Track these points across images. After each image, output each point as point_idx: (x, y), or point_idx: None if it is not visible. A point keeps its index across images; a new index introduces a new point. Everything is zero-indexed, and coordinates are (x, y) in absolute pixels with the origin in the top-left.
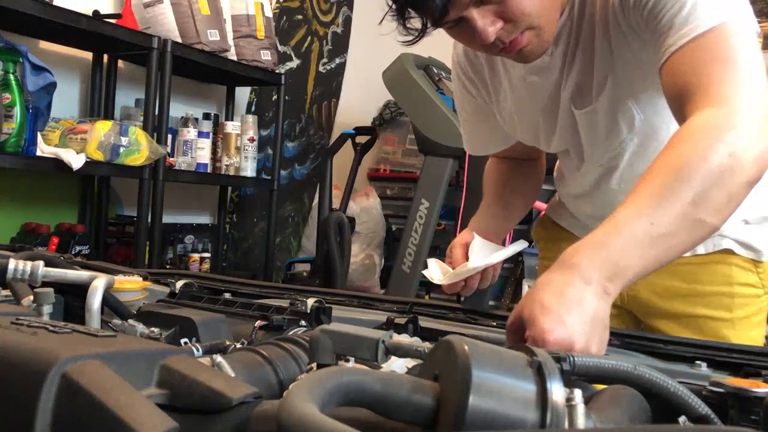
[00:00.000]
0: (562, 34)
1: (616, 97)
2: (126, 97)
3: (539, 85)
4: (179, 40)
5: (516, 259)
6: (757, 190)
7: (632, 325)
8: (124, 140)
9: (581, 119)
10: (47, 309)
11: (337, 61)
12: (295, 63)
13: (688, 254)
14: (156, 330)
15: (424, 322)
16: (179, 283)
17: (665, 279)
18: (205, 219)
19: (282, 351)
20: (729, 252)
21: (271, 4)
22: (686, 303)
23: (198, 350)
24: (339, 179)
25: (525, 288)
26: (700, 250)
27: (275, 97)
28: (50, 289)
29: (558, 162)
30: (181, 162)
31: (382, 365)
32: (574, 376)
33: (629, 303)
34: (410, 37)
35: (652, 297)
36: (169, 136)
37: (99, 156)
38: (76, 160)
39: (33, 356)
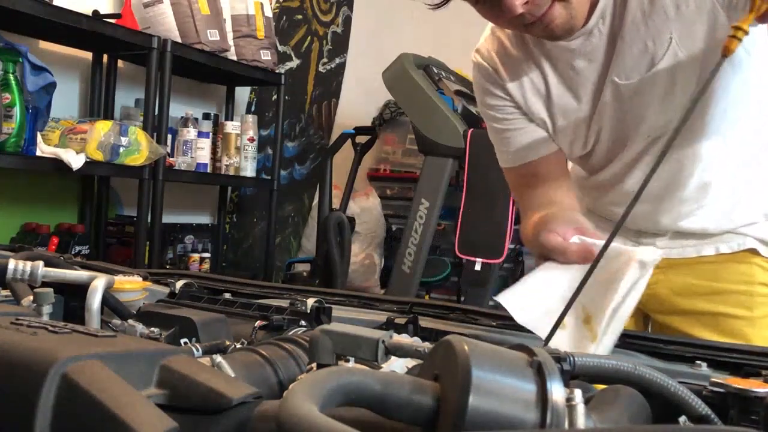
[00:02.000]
0: (606, 12)
1: (677, 59)
2: (126, 97)
3: (588, 69)
4: (179, 40)
5: (516, 259)
6: None
7: (642, 327)
8: (123, 140)
9: (633, 90)
10: (47, 309)
11: (337, 61)
12: (295, 63)
13: (712, 253)
14: (156, 330)
15: (424, 322)
16: (179, 283)
17: (686, 277)
18: (205, 219)
19: (282, 351)
20: (752, 252)
21: (271, 4)
22: (706, 301)
23: (198, 350)
24: (339, 179)
25: None
26: (724, 249)
27: (275, 97)
28: (50, 289)
29: (572, 166)
30: (180, 162)
31: (382, 365)
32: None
33: (646, 301)
34: (437, 0)
35: (671, 295)
36: (169, 136)
37: (99, 156)
38: (75, 160)
39: (33, 356)
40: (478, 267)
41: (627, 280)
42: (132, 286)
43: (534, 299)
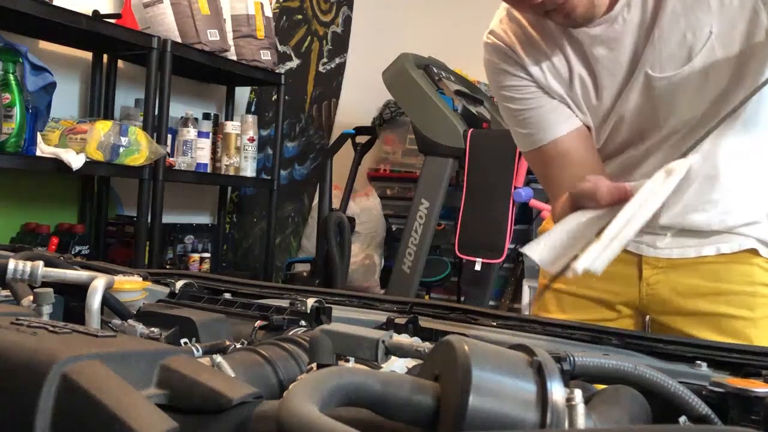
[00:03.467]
0: (633, 0)
1: (713, 55)
2: (126, 97)
3: (609, 57)
4: (179, 40)
5: (516, 259)
6: None
7: (641, 328)
8: (123, 140)
9: (666, 84)
10: (47, 309)
11: (337, 61)
12: (295, 63)
13: (712, 253)
14: (156, 330)
15: (424, 322)
16: (179, 283)
17: (688, 277)
18: (205, 219)
19: (282, 351)
20: (753, 252)
21: (271, 4)
22: (708, 301)
23: (198, 350)
24: (339, 179)
25: (525, 288)
26: (725, 249)
27: (275, 97)
28: (50, 289)
29: None
30: (180, 162)
31: (382, 365)
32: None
33: (648, 302)
34: None
35: (673, 295)
36: (169, 136)
37: (99, 156)
38: (75, 160)
39: (33, 356)
40: (478, 267)
41: (648, 186)
42: (132, 286)
43: (559, 247)
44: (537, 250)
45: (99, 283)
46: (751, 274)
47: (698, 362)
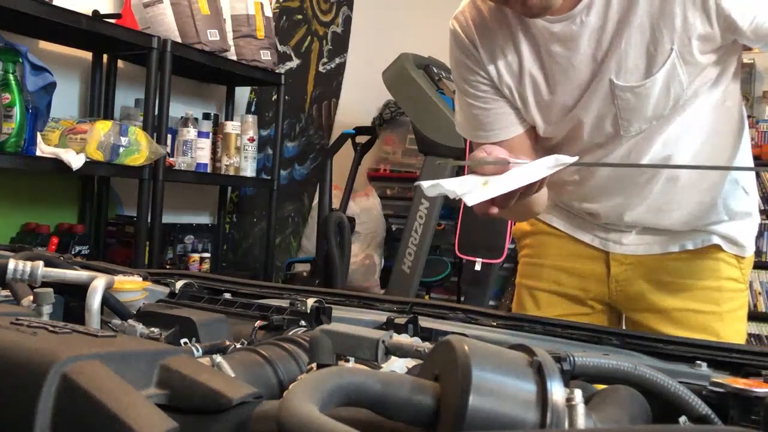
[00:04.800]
0: (593, 5)
1: (674, 70)
2: (126, 97)
3: (564, 56)
4: (179, 40)
5: (516, 259)
6: (739, 183)
7: (616, 325)
8: (123, 140)
9: (629, 93)
10: (47, 309)
11: (337, 60)
12: (294, 63)
13: (676, 250)
14: (156, 330)
15: (424, 322)
16: (179, 283)
17: (655, 273)
18: (205, 219)
19: (282, 351)
20: (717, 248)
21: (270, 3)
22: (677, 297)
23: (198, 350)
24: (339, 179)
25: None
26: (689, 245)
27: (275, 97)
28: (50, 289)
29: None
30: (180, 162)
31: (382, 365)
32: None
33: (616, 297)
34: None
35: (641, 291)
36: (169, 136)
37: (99, 156)
38: (75, 160)
39: (33, 356)
40: (478, 267)
41: (536, 162)
42: (132, 286)
43: (448, 185)
44: (427, 183)
45: (99, 283)
46: (716, 269)
47: (698, 362)
